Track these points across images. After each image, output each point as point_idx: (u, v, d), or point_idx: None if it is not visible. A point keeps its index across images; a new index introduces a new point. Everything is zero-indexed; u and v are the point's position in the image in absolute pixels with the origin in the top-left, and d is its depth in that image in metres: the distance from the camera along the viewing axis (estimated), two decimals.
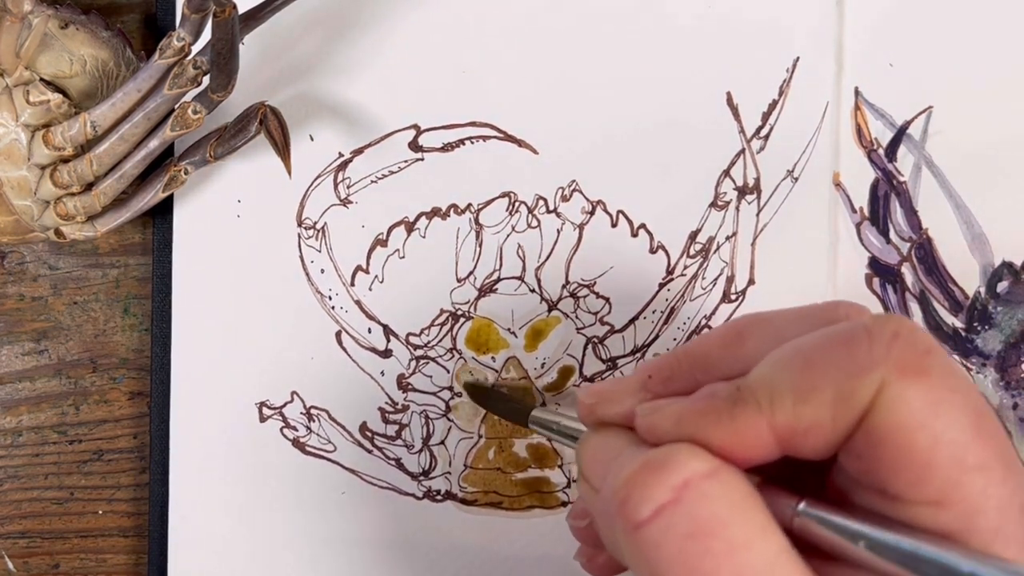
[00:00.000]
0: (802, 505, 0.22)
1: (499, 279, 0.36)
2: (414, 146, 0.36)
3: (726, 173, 0.36)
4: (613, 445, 0.25)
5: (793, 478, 0.23)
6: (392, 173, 0.36)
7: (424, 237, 0.36)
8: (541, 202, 0.36)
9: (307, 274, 0.36)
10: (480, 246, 0.36)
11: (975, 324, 0.37)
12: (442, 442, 0.36)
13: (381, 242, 0.36)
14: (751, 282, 0.36)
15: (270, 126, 0.32)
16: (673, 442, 0.22)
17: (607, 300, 0.36)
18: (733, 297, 0.36)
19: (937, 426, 0.20)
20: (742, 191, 0.36)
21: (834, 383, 0.21)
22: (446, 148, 0.36)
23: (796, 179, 0.36)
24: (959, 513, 0.20)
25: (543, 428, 0.31)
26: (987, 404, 0.22)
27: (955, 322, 0.37)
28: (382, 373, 0.36)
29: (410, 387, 0.36)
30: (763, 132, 0.36)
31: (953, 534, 0.20)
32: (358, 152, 0.36)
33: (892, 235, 0.36)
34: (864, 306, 0.24)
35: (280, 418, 0.36)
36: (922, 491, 0.21)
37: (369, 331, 0.36)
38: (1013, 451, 0.21)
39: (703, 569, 0.20)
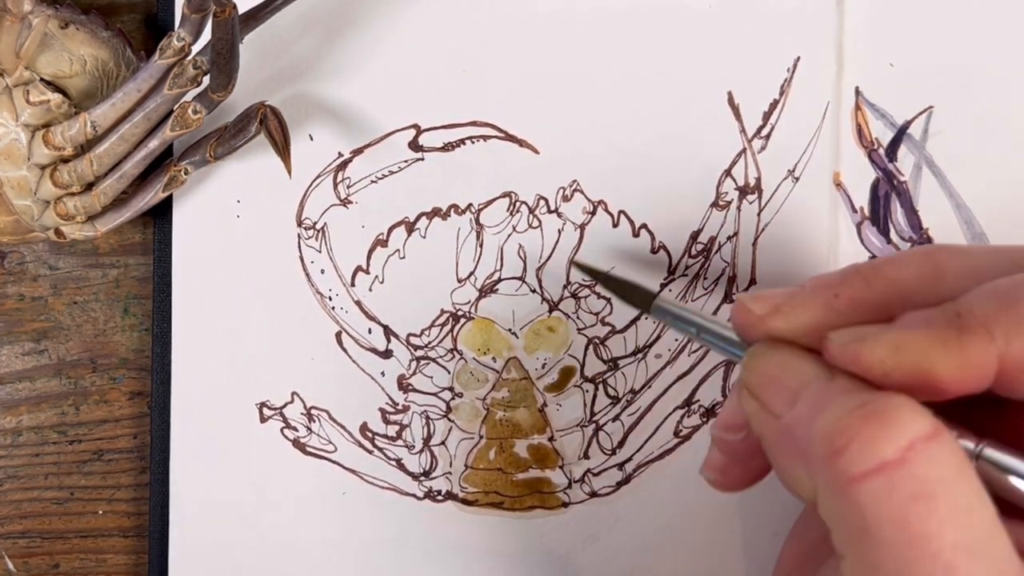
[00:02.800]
0: (987, 449, 0.21)
1: (500, 279, 0.36)
2: (414, 146, 0.36)
3: (727, 173, 0.36)
4: (799, 369, 0.24)
5: None
6: (392, 173, 0.36)
7: (424, 237, 0.36)
8: (542, 202, 0.36)
9: (307, 274, 0.36)
10: (481, 246, 0.36)
11: None
12: (443, 442, 0.36)
13: (381, 242, 0.36)
14: (753, 282, 0.36)
15: (270, 126, 0.32)
16: (888, 373, 0.22)
17: (608, 300, 0.36)
18: (735, 297, 0.36)
19: None
20: (743, 191, 0.36)
21: None
22: (446, 148, 0.36)
23: (797, 179, 0.36)
24: None
25: (669, 317, 0.28)
26: None
27: None
28: (382, 374, 0.36)
29: (410, 388, 0.36)
30: (764, 132, 0.36)
31: None
32: (358, 152, 0.36)
33: (893, 235, 0.36)
34: None
35: (280, 418, 0.36)
36: None
37: (369, 331, 0.36)
38: None
39: (925, 531, 0.20)
